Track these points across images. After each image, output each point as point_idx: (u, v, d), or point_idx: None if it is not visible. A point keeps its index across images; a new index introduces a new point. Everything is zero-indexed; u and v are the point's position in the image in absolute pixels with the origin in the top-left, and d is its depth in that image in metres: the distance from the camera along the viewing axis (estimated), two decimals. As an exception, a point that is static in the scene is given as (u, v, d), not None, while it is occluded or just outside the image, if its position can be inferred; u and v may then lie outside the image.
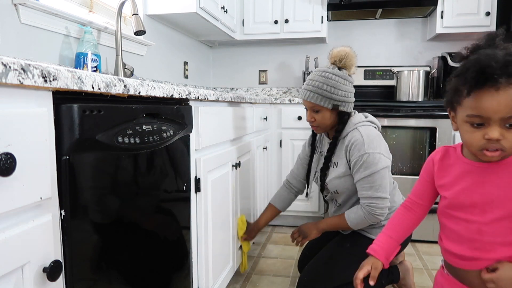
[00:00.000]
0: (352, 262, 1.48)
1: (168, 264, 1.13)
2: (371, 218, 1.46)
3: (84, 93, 0.76)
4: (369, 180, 1.44)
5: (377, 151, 1.44)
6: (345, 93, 1.55)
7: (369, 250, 1.13)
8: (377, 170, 1.43)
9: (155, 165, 1.03)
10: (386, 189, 1.45)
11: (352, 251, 1.53)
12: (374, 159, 1.43)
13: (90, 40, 1.63)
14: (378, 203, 1.44)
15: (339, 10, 2.91)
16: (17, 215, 0.62)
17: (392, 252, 1.13)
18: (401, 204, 1.14)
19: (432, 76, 2.95)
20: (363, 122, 1.54)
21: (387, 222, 1.19)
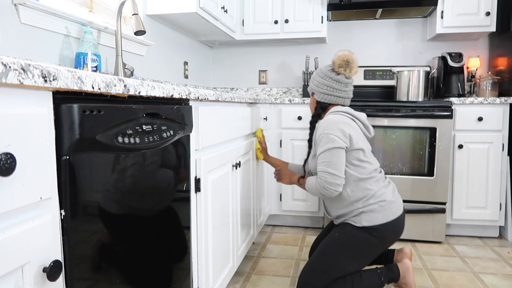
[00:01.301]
0: (341, 251, 1.62)
1: (168, 264, 1.13)
2: (321, 189, 1.60)
3: (84, 93, 0.77)
4: (322, 156, 1.61)
5: (332, 133, 1.60)
6: (318, 83, 1.77)
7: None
8: (329, 148, 1.59)
9: (155, 165, 1.03)
10: (338, 168, 1.58)
11: (339, 239, 1.63)
12: (328, 139, 1.60)
13: (90, 40, 1.63)
14: (328, 178, 1.58)
15: (339, 10, 2.91)
16: (17, 215, 0.62)
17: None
18: None
19: (432, 76, 2.95)
20: (336, 112, 1.71)
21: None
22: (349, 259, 1.61)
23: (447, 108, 2.43)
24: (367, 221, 1.59)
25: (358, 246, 1.60)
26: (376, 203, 1.60)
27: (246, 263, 2.18)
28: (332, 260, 1.61)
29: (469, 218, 2.56)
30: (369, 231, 1.59)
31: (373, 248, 1.62)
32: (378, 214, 1.59)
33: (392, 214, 1.60)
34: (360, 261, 1.62)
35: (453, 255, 2.32)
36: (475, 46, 3.03)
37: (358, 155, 1.64)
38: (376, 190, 1.62)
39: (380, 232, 1.59)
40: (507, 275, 2.04)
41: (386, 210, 1.59)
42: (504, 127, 2.49)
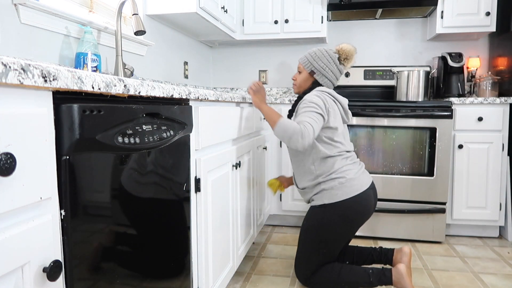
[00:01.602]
0: (311, 236, 1.72)
1: (168, 264, 1.13)
2: (297, 133, 1.59)
3: (84, 93, 0.77)
4: (301, 112, 1.67)
5: (315, 101, 1.69)
6: (325, 66, 1.81)
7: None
8: (310, 110, 1.66)
9: (155, 165, 1.03)
10: (315, 128, 1.62)
11: (307, 225, 1.74)
12: (311, 104, 1.68)
13: (90, 40, 1.63)
14: (308, 129, 1.60)
15: (339, 10, 2.91)
16: (17, 215, 0.62)
17: None
18: None
19: (432, 76, 2.95)
20: (322, 91, 1.77)
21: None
22: (320, 242, 1.70)
23: (447, 108, 2.43)
24: (327, 198, 1.68)
25: (323, 227, 1.69)
26: (336, 179, 1.68)
27: (246, 263, 2.18)
28: (307, 247, 1.73)
29: (469, 218, 2.56)
30: (330, 209, 1.67)
31: (338, 227, 1.68)
32: (338, 191, 1.66)
33: (353, 191, 1.66)
34: (329, 242, 1.70)
35: (453, 255, 2.32)
36: (475, 46, 3.03)
37: (332, 134, 1.73)
38: (338, 167, 1.71)
39: (341, 210, 1.66)
40: (507, 275, 2.04)
41: (346, 187, 1.66)
42: (504, 127, 2.49)
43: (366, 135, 2.52)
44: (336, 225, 1.68)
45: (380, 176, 2.52)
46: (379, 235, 2.55)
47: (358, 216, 1.69)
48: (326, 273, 1.70)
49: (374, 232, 2.55)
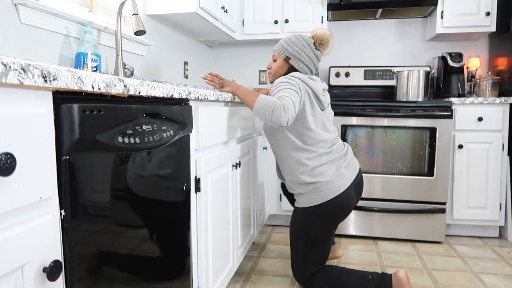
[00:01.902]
0: (299, 237, 1.73)
1: (168, 264, 1.13)
2: (278, 107, 1.49)
3: (84, 93, 0.77)
4: (280, 91, 1.60)
5: (290, 81, 1.63)
6: (300, 51, 1.75)
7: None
8: (286, 88, 1.60)
9: (155, 165, 1.03)
10: (292, 99, 1.55)
11: (293, 227, 1.75)
12: (285, 83, 1.63)
13: (90, 40, 1.63)
14: (288, 103, 1.51)
15: (339, 10, 2.91)
16: (17, 215, 0.62)
17: None
18: None
19: (432, 76, 2.95)
20: (290, 76, 1.70)
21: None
22: (309, 241, 1.71)
23: (447, 108, 2.43)
24: (305, 202, 1.69)
25: (308, 227, 1.70)
26: (310, 184, 1.66)
27: (246, 263, 2.18)
28: (299, 247, 1.73)
29: (469, 218, 2.56)
30: (310, 211, 1.68)
31: (321, 227, 1.69)
32: (314, 195, 1.67)
33: (328, 195, 1.65)
34: (318, 240, 1.70)
35: (453, 255, 2.32)
36: (475, 46, 3.03)
37: (306, 122, 1.66)
38: (312, 167, 1.66)
39: (321, 211, 1.67)
40: (507, 275, 2.04)
41: (322, 191, 1.65)
42: (504, 127, 2.49)
43: (366, 135, 2.52)
44: (319, 225, 1.69)
45: (380, 176, 2.52)
46: (379, 235, 2.55)
47: (338, 215, 1.69)
48: (325, 275, 1.70)
49: (374, 232, 2.56)
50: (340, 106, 2.54)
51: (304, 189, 1.68)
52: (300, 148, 1.67)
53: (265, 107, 1.50)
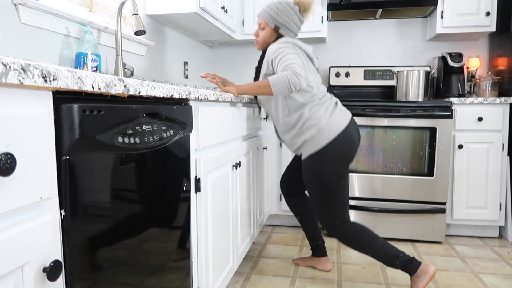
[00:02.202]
0: (321, 188, 1.75)
1: (168, 264, 1.13)
2: (292, 75, 1.59)
3: (84, 93, 0.77)
4: (281, 60, 1.66)
5: (280, 47, 1.70)
6: (289, 20, 1.81)
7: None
8: (288, 53, 1.67)
9: (155, 165, 1.03)
10: (296, 62, 1.63)
11: (312, 182, 1.76)
12: (281, 50, 1.69)
13: (90, 40, 1.63)
14: (296, 68, 1.61)
15: (339, 10, 2.91)
16: (17, 215, 0.62)
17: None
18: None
19: (432, 76, 2.95)
20: (282, 41, 1.76)
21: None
22: (328, 188, 1.74)
23: (447, 108, 2.43)
24: (312, 148, 1.73)
25: (323, 175, 1.72)
26: (312, 126, 1.72)
27: (246, 263, 2.18)
28: (321, 198, 1.76)
29: (469, 218, 2.56)
30: (319, 156, 1.72)
31: (334, 169, 1.72)
32: (319, 138, 1.71)
33: (332, 133, 1.71)
34: (336, 185, 1.74)
35: (453, 255, 2.32)
36: (475, 46, 3.03)
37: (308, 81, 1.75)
38: (312, 114, 1.74)
39: (329, 153, 1.71)
40: (507, 275, 2.04)
41: (325, 131, 1.71)
42: (504, 127, 2.49)
43: (366, 135, 2.52)
44: (332, 168, 1.72)
45: (380, 176, 2.52)
46: (379, 235, 2.55)
47: (344, 154, 1.74)
48: (360, 233, 1.75)
49: (374, 232, 2.55)
50: (340, 106, 2.54)
51: (308, 134, 1.73)
52: (300, 104, 1.75)
53: (282, 84, 1.60)
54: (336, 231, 1.78)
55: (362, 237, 1.75)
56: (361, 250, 1.75)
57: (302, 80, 1.60)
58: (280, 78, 1.60)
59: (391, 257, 1.71)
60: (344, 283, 1.94)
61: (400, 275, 2.03)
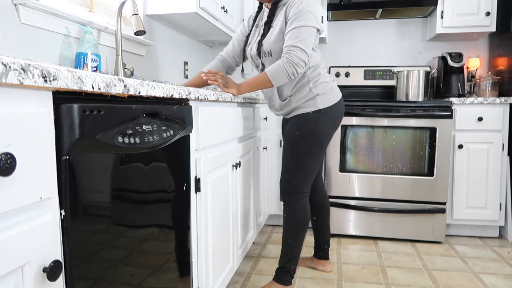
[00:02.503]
0: (307, 145, 1.73)
1: (168, 264, 1.13)
2: (287, 65, 1.57)
3: (84, 93, 0.77)
4: (297, 31, 1.58)
5: (312, 11, 1.61)
6: None
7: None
8: (306, 25, 1.59)
9: (155, 165, 1.03)
10: (309, 46, 1.59)
11: (302, 134, 1.74)
12: (307, 16, 1.59)
13: (90, 40, 1.63)
14: (297, 52, 1.57)
15: (339, 10, 2.91)
16: (17, 215, 0.62)
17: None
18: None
19: (432, 76, 2.95)
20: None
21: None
22: (317, 146, 1.74)
23: (447, 108, 2.43)
24: (322, 103, 1.73)
25: (319, 131, 1.73)
26: (325, 83, 1.75)
27: (246, 263, 2.18)
28: (302, 155, 1.74)
29: (469, 218, 2.56)
30: (324, 113, 1.73)
31: (330, 130, 1.76)
32: (330, 96, 1.75)
33: (338, 95, 1.79)
34: (323, 147, 1.77)
35: (453, 255, 2.32)
36: (475, 46, 3.03)
37: (317, 41, 1.75)
38: (324, 73, 1.78)
39: (332, 113, 1.75)
40: (507, 275, 2.04)
41: (335, 92, 1.78)
42: (504, 127, 2.49)
43: (366, 135, 2.52)
44: (328, 128, 1.75)
45: (380, 176, 2.52)
46: (379, 235, 2.55)
47: (341, 116, 1.81)
48: (307, 219, 1.79)
49: (374, 232, 2.56)
50: (340, 106, 2.54)
51: (321, 90, 1.73)
52: (317, 61, 1.75)
53: (281, 76, 1.59)
54: (298, 200, 1.77)
55: (305, 223, 1.78)
56: (294, 235, 1.78)
57: (299, 68, 1.58)
58: (278, 70, 1.58)
59: (296, 258, 1.80)
60: (344, 283, 1.94)
61: (400, 275, 2.03)
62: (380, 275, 2.04)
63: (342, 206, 2.58)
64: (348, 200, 2.58)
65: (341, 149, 2.55)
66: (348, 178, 2.56)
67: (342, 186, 2.56)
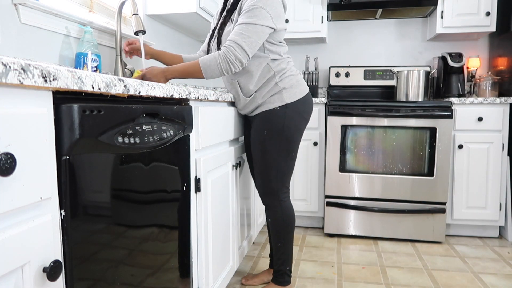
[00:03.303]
0: (278, 144, 1.65)
1: (168, 264, 1.13)
2: (222, 61, 1.46)
3: (84, 93, 0.77)
4: (243, 28, 1.48)
5: (266, 8, 1.49)
6: None
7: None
8: (255, 23, 1.48)
9: (155, 165, 1.03)
10: (252, 46, 1.48)
11: (270, 132, 1.65)
12: (260, 13, 1.48)
13: (90, 40, 1.63)
14: (237, 50, 1.46)
15: (339, 10, 2.91)
16: (17, 215, 0.62)
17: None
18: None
19: (432, 76, 2.95)
20: None
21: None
22: (289, 143, 1.67)
23: (447, 108, 2.43)
24: (289, 98, 1.64)
25: (287, 128, 1.65)
26: (292, 76, 1.66)
27: (246, 263, 2.18)
28: (275, 155, 1.66)
29: (469, 218, 2.56)
30: (291, 107, 1.65)
31: (299, 124, 1.68)
32: (296, 89, 1.66)
33: (304, 89, 1.70)
34: (296, 143, 1.69)
35: (453, 255, 2.32)
36: (475, 46, 3.03)
37: (281, 36, 1.64)
38: (290, 67, 1.68)
39: (301, 107, 1.66)
40: (507, 275, 2.04)
41: (301, 85, 1.69)
42: (504, 127, 2.49)
43: (366, 135, 2.52)
44: (297, 123, 1.67)
45: (380, 176, 2.52)
46: (379, 235, 2.55)
47: (310, 112, 1.72)
48: (292, 216, 1.74)
49: (374, 232, 2.56)
50: (340, 106, 2.54)
51: (287, 83, 1.64)
52: (281, 58, 1.66)
53: (214, 70, 1.48)
54: (279, 202, 1.71)
55: (291, 223, 1.75)
56: (283, 237, 1.74)
57: (234, 68, 1.48)
58: (212, 63, 1.47)
59: (289, 258, 1.77)
60: (344, 283, 1.94)
61: (400, 275, 2.03)
62: (380, 275, 2.04)
63: (342, 206, 2.58)
64: (348, 200, 2.58)
65: (341, 149, 2.55)
66: (348, 178, 2.56)
67: (342, 186, 2.56)
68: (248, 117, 1.82)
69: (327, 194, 2.59)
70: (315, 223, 2.83)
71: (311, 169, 2.69)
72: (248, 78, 1.63)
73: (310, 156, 2.69)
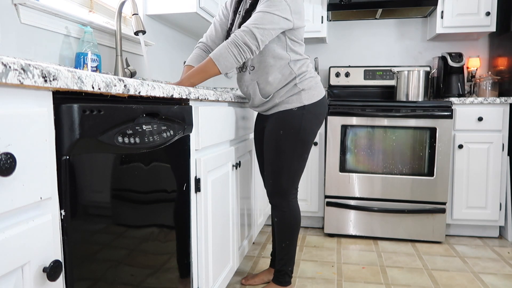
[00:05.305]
0: (292, 144, 1.64)
1: (168, 264, 1.13)
2: (231, 45, 1.44)
3: (84, 93, 0.77)
4: (259, 16, 1.46)
5: (288, 1, 1.48)
6: None
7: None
8: (272, 12, 1.46)
9: (155, 165, 1.03)
10: (265, 36, 1.47)
11: (286, 133, 1.64)
12: (280, 4, 1.47)
13: (90, 40, 1.63)
14: (246, 36, 1.44)
15: (339, 10, 2.91)
16: (17, 215, 0.62)
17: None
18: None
19: (432, 76, 2.95)
20: None
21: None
22: (303, 145, 1.66)
23: (447, 108, 2.43)
24: (307, 99, 1.64)
25: (303, 129, 1.64)
26: (311, 78, 1.66)
27: (246, 263, 2.18)
28: (287, 156, 1.66)
29: (469, 218, 2.56)
30: (309, 109, 1.64)
31: (314, 127, 1.68)
32: (315, 91, 1.66)
33: (322, 91, 1.71)
34: (310, 145, 1.69)
35: (453, 255, 2.32)
36: (475, 46, 3.03)
37: (302, 33, 1.65)
38: (309, 68, 1.69)
39: (318, 109, 1.67)
40: (507, 275, 2.04)
41: (319, 87, 1.69)
42: (504, 127, 2.49)
43: (366, 135, 2.52)
44: (313, 125, 1.67)
45: (380, 176, 2.52)
46: (379, 235, 2.55)
47: (325, 114, 1.73)
48: (298, 217, 1.74)
49: (374, 232, 2.56)
50: (340, 106, 2.54)
51: (306, 85, 1.63)
52: (302, 57, 1.67)
53: (223, 55, 1.44)
54: (288, 203, 1.71)
55: (297, 224, 1.74)
56: (288, 238, 1.74)
57: (244, 52, 1.45)
58: (222, 52, 1.44)
59: (292, 259, 1.78)
60: (344, 283, 1.94)
61: (400, 275, 2.03)
62: (380, 275, 2.04)
63: (342, 206, 2.58)
64: (348, 200, 2.58)
65: (341, 149, 2.55)
66: (348, 178, 2.56)
67: (342, 186, 2.56)
68: (261, 114, 1.82)
69: (327, 194, 2.59)
70: (315, 223, 2.83)
71: (311, 169, 2.69)
72: (269, 81, 1.62)
73: (310, 156, 2.69)
